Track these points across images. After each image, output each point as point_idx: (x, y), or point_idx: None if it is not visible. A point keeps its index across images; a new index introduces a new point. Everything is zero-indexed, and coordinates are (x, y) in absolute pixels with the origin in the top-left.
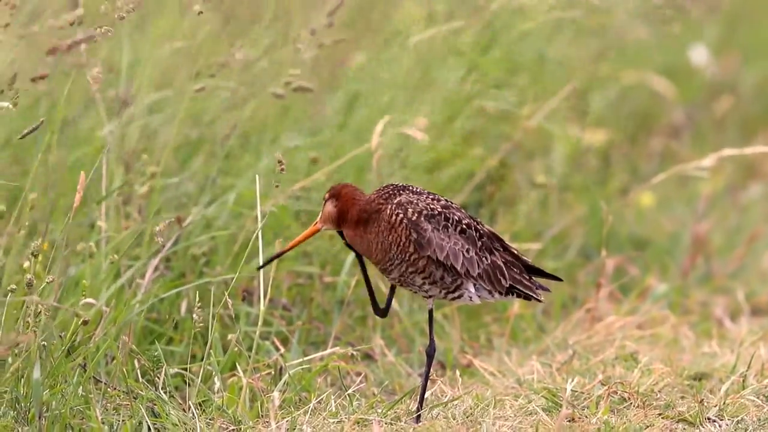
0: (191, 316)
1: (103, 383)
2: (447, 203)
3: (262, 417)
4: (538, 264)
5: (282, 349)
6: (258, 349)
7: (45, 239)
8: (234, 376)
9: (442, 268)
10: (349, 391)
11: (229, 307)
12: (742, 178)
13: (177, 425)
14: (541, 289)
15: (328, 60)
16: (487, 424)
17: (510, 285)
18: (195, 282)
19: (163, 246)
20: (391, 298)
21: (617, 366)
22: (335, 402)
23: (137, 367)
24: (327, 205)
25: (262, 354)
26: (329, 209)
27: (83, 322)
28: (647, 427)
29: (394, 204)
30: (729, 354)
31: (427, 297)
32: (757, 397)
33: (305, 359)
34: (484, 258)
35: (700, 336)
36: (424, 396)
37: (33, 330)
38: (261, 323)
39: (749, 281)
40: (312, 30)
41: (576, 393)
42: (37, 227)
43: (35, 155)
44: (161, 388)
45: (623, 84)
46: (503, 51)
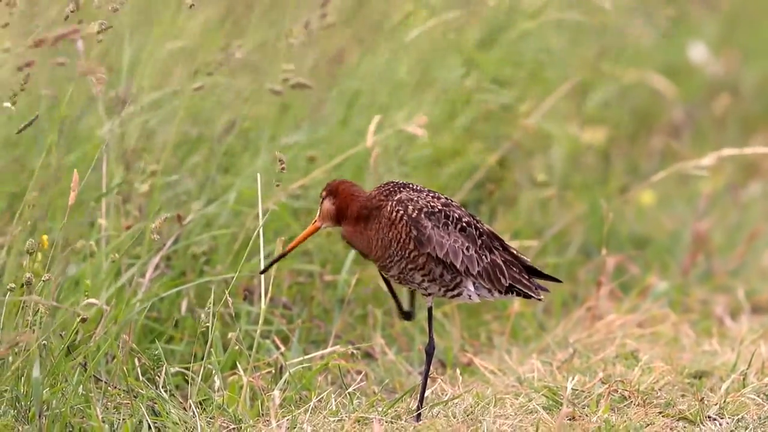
0: (192, 314)
1: (104, 382)
2: (447, 201)
3: (262, 416)
4: (538, 261)
5: (282, 348)
6: (258, 348)
7: (43, 237)
8: (234, 374)
9: (441, 265)
10: (350, 390)
11: (230, 306)
12: (742, 176)
13: (177, 424)
14: (540, 290)
15: (324, 56)
16: (488, 422)
17: (509, 284)
18: (195, 281)
19: (164, 244)
20: (414, 299)
21: (618, 364)
22: (336, 400)
23: (137, 366)
24: (325, 203)
25: (262, 352)
26: (327, 206)
27: (82, 320)
28: (648, 426)
29: (394, 201)
30: (729, 352)
31: (427, 295)
32: (758, 396)
33: (306, 358)
34: (483, 256)
35: (700, 334)
36: (424, 394)
37: (33, 329)
38: (262, 322)
39: (750, 279)
40: (306, 23)
41: (576, 391)
42: (37, 226)
43: (36, 154)
44: (162, 386)
45: (623, 82)
46: (503, 49)
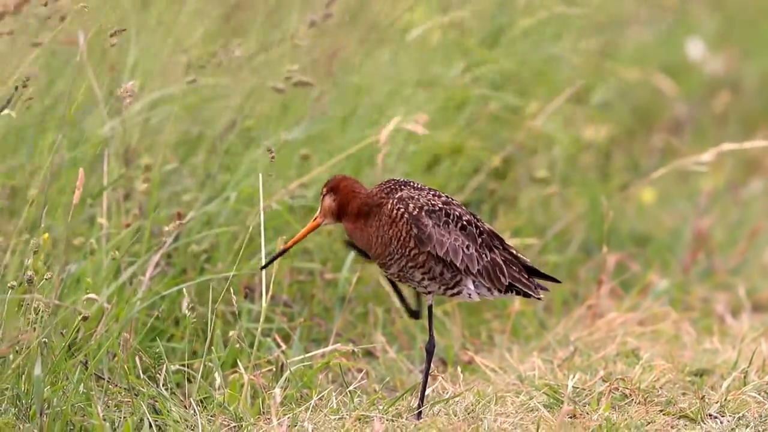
0: (193, 312)
1: (105, 380)
2: (448, 199)
3: (263, 414)
4: (539, 260)
5: (283, 346)
6: (259, 346)
7: (44, 236)
8: (235, 372)
9: (441, 263)
10: (351, 388)
11: (233, 304)
12: (743, 173)
13: (178, 422)
14: (540, 289)
15: (326, 54)
16: (489, 420)
17: (509, 283)
18: (196, 279)
19: (164, 242)
20: (420, 298)
21: (618, 362)
22: (336, 399)
23: (138, 364)
24: (326, 199)
25: (263, 351)
26: (328, 203)
27: (83, 318)
28: (648, 424)
29: (395, 199)
30: (730, 350)
31: (427, 293)
32: (759, 394)
33: (306, 356)
34: (484, 255)
35: (701, 332)
36: (425, 392)
37: (34, 327)
38: (263, 320)
39: (750, 277)
40: (311, 22)
41: (577, 389)
42: (38, 224)
43: (36, 153)
44: (162, 384)
45: (624, 80)
46: (504, 48)
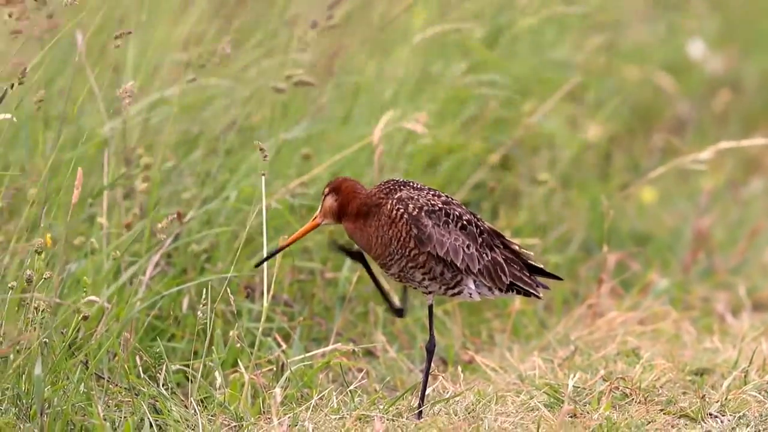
0: (193, 312)
1: (105, 380)
2: (448, 199)
3: (263, 413)
4: (539, 259)
5: (284, 346)
6: (260, 346)
7: (47, 236)
8: (236, 372)
9: (442, 263)
10: (351, 388)
11: (231, 304)
12: (743, 172)
13: (179, 422)
14: (541, 287)
15: (326, 54)
16: (489, 420)
17: (510, 282)
18: (196, 279)
19: (164, 242)
20: (406, 296)
21: (619, 362)
22: (337, 398)
23: (139, 364)
24: (327, 199)
25: (263, 350)
26: (329, 203)
27: (83, 317)
28: (649, 423)
29: (395, 199)
30: (731, 349)
31: (427, 293)
32: (759, 393)
33: (307, 355)
34: (484, 254)
35: (701, 331)
36: (425, 392)
37: (34, 327)
38: (264, 319)
39: (751, 276)
40: (313, 23)
41: (578, 389)
42: (38, 223)
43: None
44: (163, 384)
45: (624, 79)
46: (504, 48)
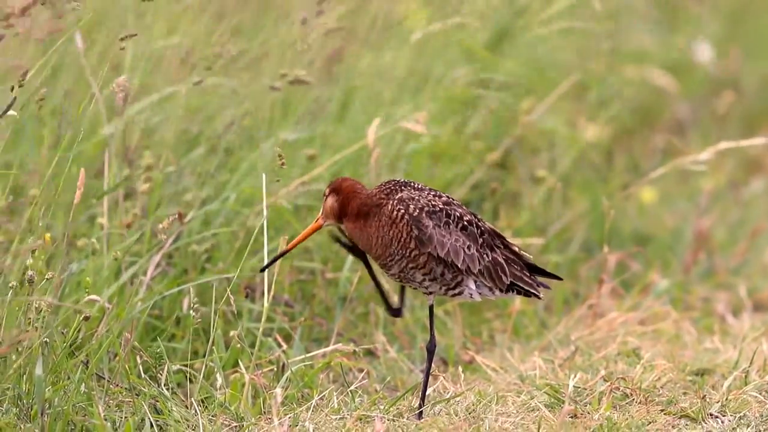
0: (193, 312)
1: (106, 380)
2: (448, 200)
3: (264, 414)
4: (540, 259)
5: (284, 346)
6: (260, 346)
7: (46, 236)
8: (236, 372)
9: (442, 264)
10: (352, 388)
11: (232, 304)
12: (743, 173)
13: (179, 422)
14: (542, 287)
15: (324, 53)
16: (490, 420)
17: (511, 282)
18: (197, 279)
19: (165, 242)
20: (404, 296)
21: (619, 362)
22: (337, 398)
23: (139, 364)
24: (328, 200)
25: (264, 350)
26: (330, 204)
27: (84, 317)
28: (649, 423)
29: (395, 200)
30: (731, 350)
31: (428, 293)
32: (760, 393)
33: (307, 356)
34: (485, 255)
35: (702, 332)
36: (426, 392)
37: (35, 327)
38: (264, 319)
39: (751, 277)
40: (303, 19)
41: (578, 389)
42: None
43: (37, 153)
44: (163, 384)
45: (626, 79)
46: (505, 48)
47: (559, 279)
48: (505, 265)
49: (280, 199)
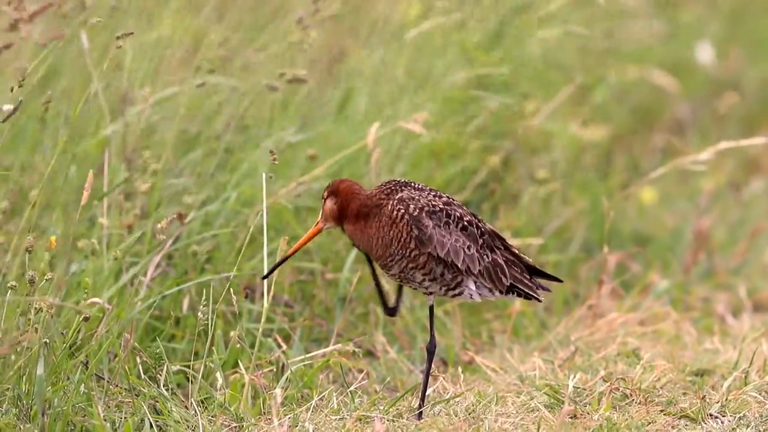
0: (193, 313)
1: (106, 380)
2: (449, 200)
3: (264, 414)
4: (539, 259)
5: (284, 346)
6: (260, 346)
7: (51, 239)
8: (236, 373)
9: (442, 264)
10: (351, 388)
11: (234, 304)
12: (743, 173)
13: (179, 422)
14: (542, 289)
15: (322, 53)
16: (489, 420)
17: (510, 284)
18: (197, 279)
19: (165, 243)
20: (400, 296)
21: (619, 362)
22: (337, 399)
23: (139, 365)
24: (327, 203)
25: (264, 351)
26: (329, 206)
27: (84, 318)
28: (649, 424)
29: (395, 200)
30: (731, 350)
31: (428, 294)
32: (759, 394)
33: (307, 356)
34: (485, 256)
35: (702, 332)
36: (425, 393)
37: (35, 328)
38: (264, 320)
39: (751, 277)
40: (299, 19)
41: (578, 389)
42: (38, 224)
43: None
44: (163, 385)
45: (626, 79)
46: (505, 48)
47: (560, 281)
48: (505, 267)
49: (280, 200)
